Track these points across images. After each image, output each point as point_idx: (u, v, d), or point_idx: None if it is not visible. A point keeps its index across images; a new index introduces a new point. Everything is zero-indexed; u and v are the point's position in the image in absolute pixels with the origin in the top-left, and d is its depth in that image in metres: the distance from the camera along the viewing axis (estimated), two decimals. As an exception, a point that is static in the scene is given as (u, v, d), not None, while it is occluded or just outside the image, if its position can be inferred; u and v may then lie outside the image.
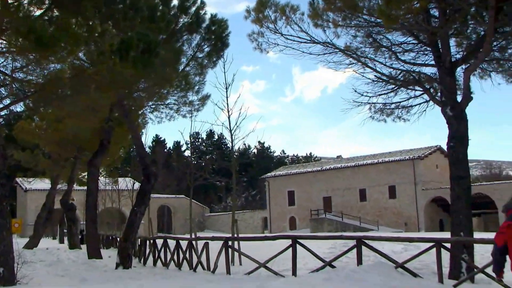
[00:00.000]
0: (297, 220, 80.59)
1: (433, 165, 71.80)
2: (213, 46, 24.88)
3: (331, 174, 78.35)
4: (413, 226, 68.54)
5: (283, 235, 20.07)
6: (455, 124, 18.01)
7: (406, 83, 20.68)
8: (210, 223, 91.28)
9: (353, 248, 16.76)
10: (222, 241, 20.41)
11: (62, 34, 15.10)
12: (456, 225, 17.57)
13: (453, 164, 18.06)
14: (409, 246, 27.57)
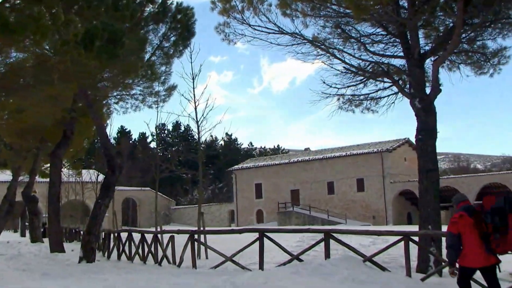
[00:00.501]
0: (265, 213, 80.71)
1: (401, 158, 72.35)
2: (179, 35, 24.73)
3: (299, 166, 78.57)
4: (381, 219, 69.04)
5: (250, 228, 20.10)
6: (424, 117, 18.14)
7: (375, 74, 20.78)
8: (176, 216, 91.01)
9: (321, 241, 16.80)
10: (188, 234, 20.34)
11: (29, 21, 14.85)
12: (424, 219, 17.72)
13: (421, 157, 18.19)
14: (377, 240, 27.71)
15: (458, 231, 10.18)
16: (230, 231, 21.37)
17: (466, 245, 10.11)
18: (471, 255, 10.03)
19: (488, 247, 9.94)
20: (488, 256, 9.92)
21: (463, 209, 10.40)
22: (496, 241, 9.97)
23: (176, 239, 20.94)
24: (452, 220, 10.41)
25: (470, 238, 10.05)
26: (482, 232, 10.02)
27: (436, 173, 18.18)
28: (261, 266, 17.37)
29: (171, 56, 25.56)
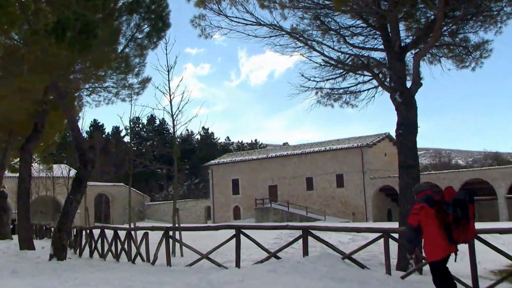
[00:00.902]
0: (242, 209, 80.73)
1: (381, 153, 72.68)
2: (153, 26, 24.56)
3: (277, 162, 78.64)
4: (360, 216, 69.31)
5: (226, 225, 20.03)
6: (404, 111, 18.22)
7: (355, 67, 20.83)
8: (151, 213, 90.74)
9: (299, 238, 16.82)
10: (163, 231, 20.29)
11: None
12: (404, 215, 17.74)
13: (401, 152, 18.28)
14: (357, 237, 27.85)
15: (418, 222, 10.62)
16: (206, 227, 21.36)
17: (427, 237, 10.62)
18: (431, 247, 10.61)
19: (450, 237, 10.45)
20: (449, 246, 10.48)
21: (424, 200, 10.80)
22: (458, 232, 10.47)
23: (150, 236, 20.89)
24: (413, 211, 10.82)
25: (431, 229, 10.55)
26: (444, 223, 10.50)
27: (416, 169, 18.27)
28: (238, 263, 17.38)
29: (145, 48, 25.39)
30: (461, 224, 10.53)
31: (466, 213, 10.56)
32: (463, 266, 13.77)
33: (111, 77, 25.41)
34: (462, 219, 10.54)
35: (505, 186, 61.96)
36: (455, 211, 10.55)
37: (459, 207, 10.56)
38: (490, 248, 13.68)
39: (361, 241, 24.21)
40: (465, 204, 10.61)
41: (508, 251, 22.52)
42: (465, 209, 10.57)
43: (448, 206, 10.59)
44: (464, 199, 10.64)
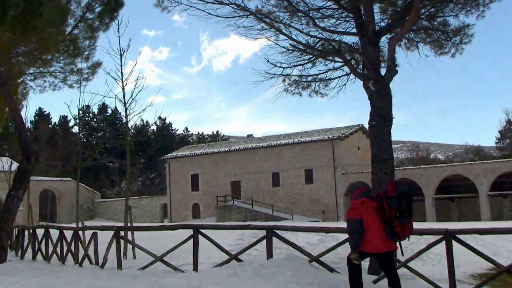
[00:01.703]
0: (201, 207, 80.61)
1: (354, 147, 73.05)
2: (105, 5, 24.41)
3: (240, 155, 78.63)
4: (331, 215, 69.57)
5: (183, 224, 19.95)
6: (378, 100, 18.29)
7: (325, 53, 20.84)
8: (101, 211, 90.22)
9: (262, 239, 16.80)
10: (113, 231, 20.16)
11: None
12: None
13: (375, 145, 18.35)
14: (326, 238, 27.97)
15: (360, 216, 11.33)
16: (161, 227, 21.21)
17: (369, 231, 11.29)
18: (372, 241, 11.25)
19: (391, 232, 11.20)
20: (387, 242, 11.25)
21: (364, 195, 11.60)
22: (401, 225, 11.21)
23: (99, 236, 20.74)
24: (353, 206, 11.60)
25: (372, 223, 11.26)
26: (385, 217, 11.19)
27: (390, 163, 18.35)
28: (195, 267, 17.34)
29: (96, 30, 25.20)
30: (404, 217, 11.26)
31: (410, 206, 11.35)
32: (440, 269, 13.92)
33: (58, 61, 25.19)
34: (405, 213, 11.27)
35: (487, 183, 62.69)
36: (400, 204, 11.22)
37: (405, 200, 11.27)
38: (469, 250, 13.77)
39: (331, 242, 24.28)
40: (410, 197, 11.36)
41: (490, 253, 22.80)
42: (409, 203, 11.35)
43: (392, 200, 11.21)
44: (409, 192, 11.39)
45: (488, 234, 15.18)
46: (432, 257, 21.67)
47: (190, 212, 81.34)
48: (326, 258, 16.34)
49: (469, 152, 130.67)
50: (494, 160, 71.94)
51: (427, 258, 21.53)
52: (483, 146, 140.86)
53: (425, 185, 65.44)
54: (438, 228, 14.70)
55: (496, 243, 27.30)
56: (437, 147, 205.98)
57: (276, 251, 19.17)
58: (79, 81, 26.86)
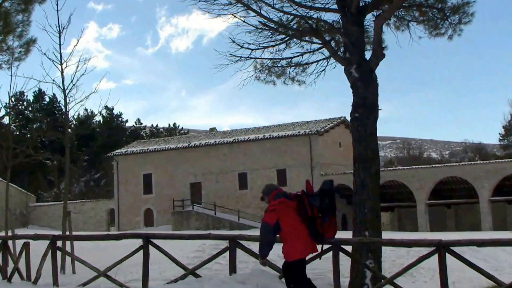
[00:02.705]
0: (155, 213, 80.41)
1: (334, 143, 73.25)
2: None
3: (201, 152, 78.48)
4: (307, 223, 69.73)
5: (132, 233, 19.92)
6: (362, 89, 18.33)
7: (300, 32, 20.83)
8: (37, 216, 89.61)
9: (225, 251, 16.80)
10: (49, 240, 20.01)
11: None
12: (359, 222, 17.92)
13: (357, 141, 18.40)
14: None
15: (276, 220, 11.95)
16: (105, 236, 21.18)
17: (287, 235, 11.97)
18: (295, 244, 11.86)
19: (314, 233, 11.83)
20: (311, 244, 11.94)
21: (281, 196, 12.26)
22: (325, 225, 11.86)
23: (32, 246, 20.57)
24: (270, 208, 12.16)
25: (294, 224, 11.90)
26: (306, 217, 11.79)
27: (376, 163, 18.42)
28: (145, 283, 17.29)
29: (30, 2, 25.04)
30: (328, 216, 11.88)
31: (333, 204, 12.01)
32: (433, 286, 14.00)
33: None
34: (329, 211, 11.88)
35: (489, 186, 63.02)
36: (322, 202, 11.87)
37: (327, 197, 11.91)
38: (466, 265, 13.83)
39: (306, 255, 24.33)
40: (332, 194, 12.00)
41: (490, 268, 22.98)
42: (333, 200, 12.01)
43: (313, 198, 11.84)
44: (331, 189, 12.06)
45: (488, 246, 15.22)
46: (424, 272, 21.82)
47: (142, 219, 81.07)
48: (300, 273, 16.32)
49: (469, 151, 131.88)
50: (497, 160, 72.58)
51: (418, 273, 21.68)
52: (485, 144, 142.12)
53: (417, 189, 65.78)
54: (430, 239, 14.74)
55: (499, 256, 27.53)
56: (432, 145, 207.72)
57: (242, 265, 19.16)
58: (9, 61, 26.65)
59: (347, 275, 17.17)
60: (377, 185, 18.25)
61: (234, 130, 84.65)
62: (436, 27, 20.67)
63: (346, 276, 17.00)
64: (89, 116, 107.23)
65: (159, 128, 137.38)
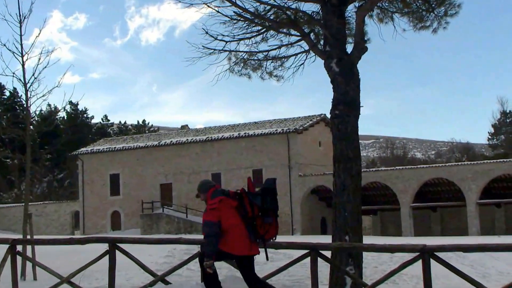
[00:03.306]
0: (123, 216, 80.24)
1: (314, 142, 73.35)
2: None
3: (172, 151, 78.39)
4: (285, 227, 69.66)
5: (97, 237, 19.80)
6: (343, 84, 18.34)
7: (277, 24, 20.81)
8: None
9: (196, 256, 16.76)
10: (8, 244, 19.91)
11: None
12: (339, 226, 17.92)
13: (338, 140, 18.41)
14: (277, 255, 28.02)
15: (218, 218, 12.07)
16: (68, 240, 21.03)
17: (230, 233, 12.10)
18: (233, 243, 12.08)
19: (254, 233, 12.08)
20: (251, 245, 12.12)
21: (220, 193, 12.39)
22: (266, 225, 12.14)
23: (-11, 251, 20.50)
24: (210, 207, 12.29)
25: (234, 224, 12.10)
26: (247, 217, 12.05)
27: (357, 163, 18.42)
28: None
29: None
30: (269, 216, 12.18)
31: (276, 203, 12.29)
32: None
33: None
34: (270, 211, 12.17)
35: (477, 188, 63.27)
36: (264, 201, 12.11)
37: (269, 196, 12.13)
38: (451, 272, 13.87)
39: (282, 260, 24.37)
40: (274, 193, 12.26)
41: (477, 275, 23.12)
42: (275, 199, 12.25)
43: (255, 197, 12.06)
44: (274, 187, 12.25)
45: (474, 251, 15.37)
46: (407, 279, 21.90)
47: (108, 222, 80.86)
48: (276, 280, 16.42)
49: (456, 151, 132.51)
50: (485, 161, 72.86)
51: (401, 280, 21.75)
52: (473, 144, 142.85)
53: (401, 191, 65.97)
54: (413, 244, 14.78)
55: (486, 263, 27.66)
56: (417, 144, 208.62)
57: (214, 272, 19.07)
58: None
59: (326, 282, 17.20)
60: (358, 187, 18.27)
61: (207, 127, 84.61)
62: (421, 19, 20.69)
63: (325, 283, 17.03)
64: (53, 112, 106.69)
65: (128, 125, 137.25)
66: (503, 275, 25.50)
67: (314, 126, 73.82)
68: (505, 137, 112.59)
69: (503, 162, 65.83)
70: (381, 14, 21.03)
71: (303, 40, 20.41)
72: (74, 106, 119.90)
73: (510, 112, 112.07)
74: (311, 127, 73.39)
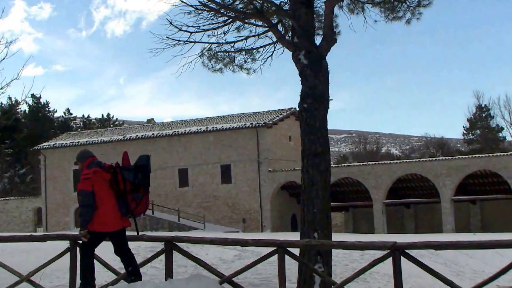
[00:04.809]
0: (87, 212, 79.81)
1: (284, 136, 73.30)
2: None
3: (138, 146, 78.08)
4: (254, 224, 69.72)
5: (58, 234, 19.74)
6: (311, 77, 18.34)
7: (244, 14, 20.79)
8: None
9: (160, 253, 16.74)
10: (-36, 243, 19.85)
11: None
12: (308, 223, 17.93)
13: (306, 135, 18.41)
14: (245, 253, 28.06)
15: (92, 188, 12.59)
16: (28, 237, 20.95)
17: (102, 206, 12.65)
18: (104, 217, 12.57)
19: (125, 207, 12.66)
20: (122, 218, 12.73)
21: (96, 165, 12.99)
22: (137, 201, 12.71)
23: None
24: (84, 176, 12.79)
25: (106, 197, 12.67)
26: (119, 191, 12.59)
27: (326, 158, 18.42)
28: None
29: None
30: (140, 192, 12.67)
31: (147, 180, 12.93)
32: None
33: None
34: (141, 188, 12.79)
35: (452, 185, 63.58)
36: (136, 177, 12.75)
37: (141, 173, 12.73)
38: (424, 270, 13.90)
39: (250, 258, 24.36)
40: (147, 170, 12.93)
41: (451, 273, 23.24)
42: (147, 176, 12.91)
43: (128, 172, 12.68)
44: (147, 164, 12.94)
45: (445, 249, 15.38)
46: (379, 278, 21.94)
47: (72, 219, 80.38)
48: (243, 278, 16.41)
49: (430, 146, 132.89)
50: (460, 156, 73.34)
51: (372, 279, 21.80)
52: (448, 139, 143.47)
53: (373, 187, 66.15)
54: (383, 241, 14.78)
55: (460, 261, 27.78)
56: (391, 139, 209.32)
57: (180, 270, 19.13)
58: None
59: (294, 280, 17.21)
60: (327, 183, 18.28)
61: (174, 121, 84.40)
62: (393, 10, 20.68)
63: (293, 281, 17.04)
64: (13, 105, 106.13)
65: (92, 119, 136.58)
66: (478, 273, 25.59)
67: (284, 120, 73.75)
68: (480, 132, 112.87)
69: (479, 157, 66.26)
70: (352, 4, 21.00)
71: (270, 31, 20.40)
72: (36, 99, 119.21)
73: (486, 106, 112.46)
74: (281, 121, 73.35)
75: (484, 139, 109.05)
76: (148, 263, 17.51)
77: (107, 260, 18.02)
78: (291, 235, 42.00)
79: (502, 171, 61.90)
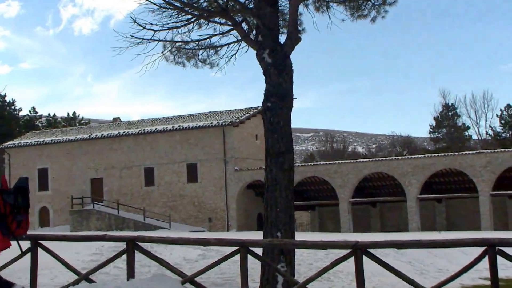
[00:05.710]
0: (52, 212, 79.51)
1: (251, 135, 73.21)
2: None
3: (103, 144, 77.87)
4: (220, 223, 69.64)
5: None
6: (275, 76, 18.32)
7: (208, 13, 20.73)
8: None
9: (122, 253, 16.64)
10: None
11: None
12: (271, 222, 17.90)
13: (270, 133, 18.39)
14: (210, 252, 28.03)
15: None
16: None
17: None
18: None
19: (6, 229, 12.02)
20: (4, 239, 11.98)
21: None
22: (18, 222, 12.11)
23: None
24: None
25: None
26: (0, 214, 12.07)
27: (289, 157, 18.40)
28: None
29: None
30: (21, 214, 12.15)
31: (27, 202, 12.20)
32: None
33: None
34: (22, 209, 12.17)
35: (418, 183, 63.73)
36: (16, 199, 12.12)
37: (21, 195, 12.25)
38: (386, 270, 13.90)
39: (215, 258, 24.30)
40: (26, 192, 12.26)
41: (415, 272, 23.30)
42: (27, 198, 12.23)
43: (8, 195, 12.13)
44: (26, 186, 12.37)
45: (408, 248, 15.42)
46: (342, 277, 21.97)
47: (36, 219, 79.85)
48: (206, 278, 16.38)
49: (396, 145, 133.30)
50: (426, 155, 73.47)
51: (336, 278, 21.82)
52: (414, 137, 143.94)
53: (340, 186, 66.20)
54: (346, 240, 14.80)
55: (424, 259, 27.87)
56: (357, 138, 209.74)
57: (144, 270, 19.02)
58: None
59: (258, 279, 17.17)
60: (291, 182, 18.26)
61: (140, 120, 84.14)
62: (358, 8, 20.75)
63: (257, 281, 17.01)
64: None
65: (57, 117, 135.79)
66: (442, 272, 25.68)
67: (251, 119, 73.57)
68: (447, 130, 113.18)
69: (444, 156, 66.34)
70: (317, 3, 21.01)
71: (234, 29, 20.36)
72: (1, 97, 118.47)
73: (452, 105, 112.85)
74: (247, 120, 73.18)
75: (450, 138, 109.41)
76: (110, 263, 17.40)
77: (71, 260, 17.94)
78: (256, 235, 41.96)
79: (467, 170, 62.18)
